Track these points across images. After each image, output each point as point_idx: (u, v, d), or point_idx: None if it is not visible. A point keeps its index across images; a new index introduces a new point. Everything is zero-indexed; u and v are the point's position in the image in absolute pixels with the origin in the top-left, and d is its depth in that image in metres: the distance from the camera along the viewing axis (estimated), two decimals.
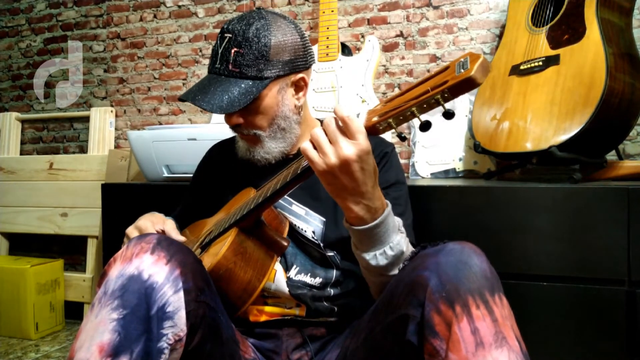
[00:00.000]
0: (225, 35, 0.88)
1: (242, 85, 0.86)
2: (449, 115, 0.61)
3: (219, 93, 0.86)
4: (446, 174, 1.59)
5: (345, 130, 0.67)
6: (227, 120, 0.91)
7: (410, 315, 0.65)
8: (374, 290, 0.85)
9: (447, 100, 0.59)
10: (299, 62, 0.90)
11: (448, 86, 0.58)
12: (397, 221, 0.80)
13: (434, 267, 0.64)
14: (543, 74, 1.26)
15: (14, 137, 2.35)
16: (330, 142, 0.68)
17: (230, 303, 0.80)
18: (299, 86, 0.93)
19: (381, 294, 0.77)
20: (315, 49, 1.65)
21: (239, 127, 0.93)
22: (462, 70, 0.57)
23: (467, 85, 0.57)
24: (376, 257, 0.76)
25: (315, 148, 0.69)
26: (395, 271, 0.78)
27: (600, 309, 1.03)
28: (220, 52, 0.88)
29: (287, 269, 0.90)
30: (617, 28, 1.24)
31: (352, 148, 0.66)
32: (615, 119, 1.17)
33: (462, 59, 0.58)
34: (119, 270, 0.65)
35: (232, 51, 0.86)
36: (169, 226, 0.90)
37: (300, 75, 0.91)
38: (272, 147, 0.93)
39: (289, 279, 0.89)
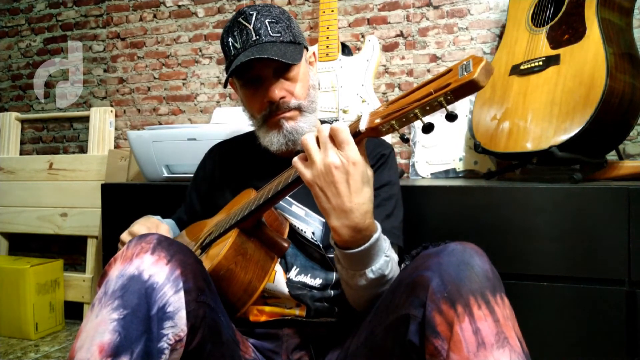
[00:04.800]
0: (250, 13, 0.90)
1: (288, 46, 0.90)
2: (451, 117, 0.60)
3: (274, 50, 0.87)
4: (446, 174, 1.59)
5: (334, 139, 0.66)
6: (273, 95, 0.89)
7: (411, 315, 0.65)
8: (351, 300, 0.82)
9: (449, 102, 0.59)
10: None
11: (451, 88, 0.58)
12: (385, 242, 0.77)
13: (435, 268, 0.64)
14: (543, 74, 1.26)
15: (14, 137, 2.35)
16: (320, 149, 0.68)
17: (231, 304, 0.80)
18: (311, 62, 0.99)
19: (374, 300, 0.76)
20: (315, 48, 1.65)
21: (280, 103, 0.90)
22: (465, 73, 0.57)
23: (469, 87, 0.57)
24: (355, 276, 0.75)
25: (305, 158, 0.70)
26: (375, 290, 0.76)
27: (600, 309, 1.03)
28: (252, 27, 0.89)
29: (287, 269, 0.90)
30: (617, 28, 1.24)
31: (336, 156, 0.66)
32: (616, 119, 1.17)
33: (465, 62, 0.58)
34: (120, 270, 0.65)
35: (266, 22, 0.90)
36: (163, 231, 0.89)
37: (311, 49, 0.99)
38: (303, 124, 0.92)
39: (288, 280, 0.89)
